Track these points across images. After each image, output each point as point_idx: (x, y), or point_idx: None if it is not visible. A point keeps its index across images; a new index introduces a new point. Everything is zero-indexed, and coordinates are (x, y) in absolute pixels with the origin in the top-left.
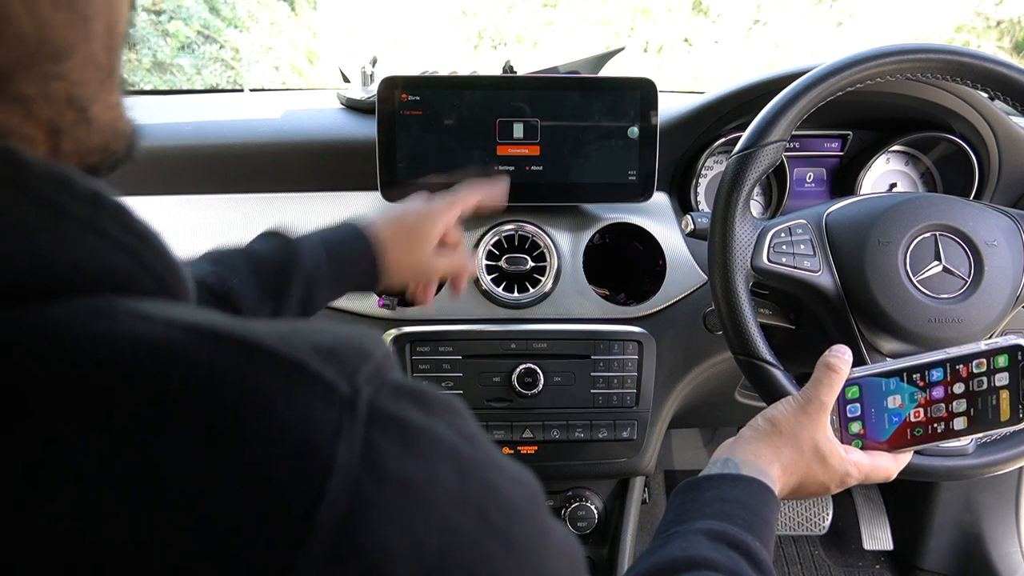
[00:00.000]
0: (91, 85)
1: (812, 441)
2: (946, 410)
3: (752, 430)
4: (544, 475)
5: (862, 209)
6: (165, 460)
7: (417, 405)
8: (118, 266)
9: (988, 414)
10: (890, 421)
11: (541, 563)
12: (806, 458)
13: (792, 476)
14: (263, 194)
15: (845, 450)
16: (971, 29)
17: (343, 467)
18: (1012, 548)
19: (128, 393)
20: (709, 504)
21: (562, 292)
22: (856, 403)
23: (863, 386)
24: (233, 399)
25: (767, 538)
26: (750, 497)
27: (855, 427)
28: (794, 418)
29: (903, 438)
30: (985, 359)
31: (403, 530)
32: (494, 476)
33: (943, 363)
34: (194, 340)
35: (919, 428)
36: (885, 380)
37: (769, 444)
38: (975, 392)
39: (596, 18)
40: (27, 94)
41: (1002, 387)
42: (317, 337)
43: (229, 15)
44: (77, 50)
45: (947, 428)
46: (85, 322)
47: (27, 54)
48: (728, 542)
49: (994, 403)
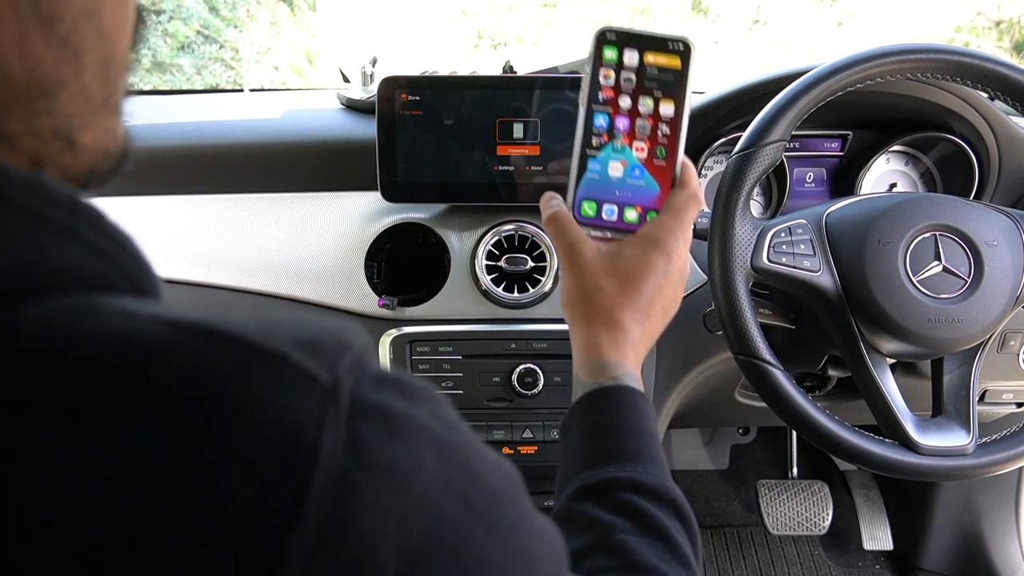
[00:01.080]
0: (81, 116)
1: (595, 281)
2: (634, 110)
3: (570, 320)
4: (544, 475)
5: (862, 209)
6: (152, 454)
7: (399, 393)
8: (95, 270)
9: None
10: (632, 175)
11: (524, 546)
12: (618, 295)
13: (629, 322)
14: (263, 194)
15: (653, 235)
16: (971, 29)
17: (328, 456)
18: (1012, 548)
19: (114, 389)
20: (577, 449)
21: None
22: (600, 204)
23: (583, 193)
24: (218, 392)
25: (641, 446)
26: (610, 416)
27: (630, 214)
28: (573, 282)
29: (652, 158)
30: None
31: (389, 515)
32: (476, 462)
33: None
34: (178, 335)
35: (640, 139)
36: (584, 164)
37: (583, 327)
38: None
39: (596, 18)
40: (12, 132)
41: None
42: (298, 330)
43: (229, 15)
44: (68, 85)
45: (655, 116)
46: (68, 320)
47: (15, 95)
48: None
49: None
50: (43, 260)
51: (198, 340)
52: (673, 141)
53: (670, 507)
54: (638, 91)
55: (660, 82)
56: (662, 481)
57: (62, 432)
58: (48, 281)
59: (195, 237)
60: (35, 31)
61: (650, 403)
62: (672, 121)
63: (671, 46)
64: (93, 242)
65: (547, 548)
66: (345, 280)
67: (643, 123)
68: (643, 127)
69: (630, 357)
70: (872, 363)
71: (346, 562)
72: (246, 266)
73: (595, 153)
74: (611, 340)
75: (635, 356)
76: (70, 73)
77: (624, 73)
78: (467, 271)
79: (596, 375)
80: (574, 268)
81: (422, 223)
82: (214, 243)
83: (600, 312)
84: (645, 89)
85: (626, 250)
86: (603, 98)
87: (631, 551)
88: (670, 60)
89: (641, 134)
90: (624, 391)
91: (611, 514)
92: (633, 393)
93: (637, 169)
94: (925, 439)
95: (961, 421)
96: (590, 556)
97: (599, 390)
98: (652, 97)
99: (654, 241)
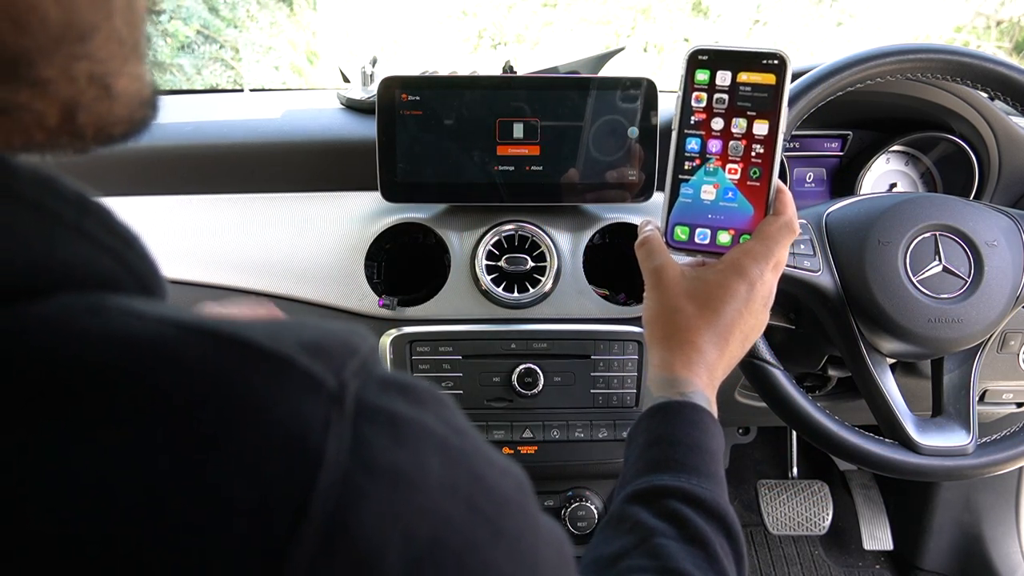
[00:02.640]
0: (115, 61)
1: (675, 303)
2: (727, 132)
3: (648, 339)
4: (544, 475)
5: (862, 209)
6: (156, 455)
7: (405, 397)
8: (103, 268)
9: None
10: (725, 198)
11: (531, 552)
12: (696, 318)
13: (706, 344)
14: (263, 194)
15: (737, 262)
16: (971, 29)
17: (333, 459)
18: (1012, 548)
19: (120, 390)
20: (638, 457)
21: (562, 292)
22: (693, 228)
23: (676, 219)
24: (224, 394)
25: (698, 462)
26: (672, 428)
27: (723, 237)
28: (655, 302)
29: (746, 179)
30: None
31: (394, 520)
32: (483, 466)
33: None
34: (185, 337)
35: (733, 161)
36: (677, 189)
37: (659, 345)
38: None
39: (596, 18)
40: (47, 77)
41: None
42: (304, 333)
43: (229, 15)
44: (100, 28)
45: (747, 148)
46: (78, 320)
47: (52, 39)
48: (649, 495)
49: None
50: (51, 256)
51: (204, 342)
52: (767, 160)
53: (719, 522)
54: (731, 112)
55: (754, 100)
56: (713, 496)
57: (67, 432)
58: (56, 278)
59: (195, 237)
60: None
61: (718, 424)
62: (766, 140)
63: (765, 63)
64: (101, 239)
65: (553, 554)
66: (345, 280)
67: (736, 144)
68: (736, 148)
69: (703, 377)
70: (872, 363)
71: (349, 566)
72: (246, 266)
73: (687, 178)
74: (684, 359)
75: (709, 377)
76: (101, 16)
77: (717, 95)
78: (467, 271)
79: (666, 390)
80: (656, 289)
81: (422, 223)
82: (214, 243)
83: (677, 333)
84: (738, 109)
85: (709, 275)
86: (695, 121)
87: (670, 556)
88: (764, 77)
89: (734, 155)
90: (690, 407)
91: (657, 519)
92: (699, 410)
93: (730, 191)
94: (925, 439)
95: (961, 421)
96: (630, 556)
97: (666, 403)
98: (745, 117)
99: (737, 268)
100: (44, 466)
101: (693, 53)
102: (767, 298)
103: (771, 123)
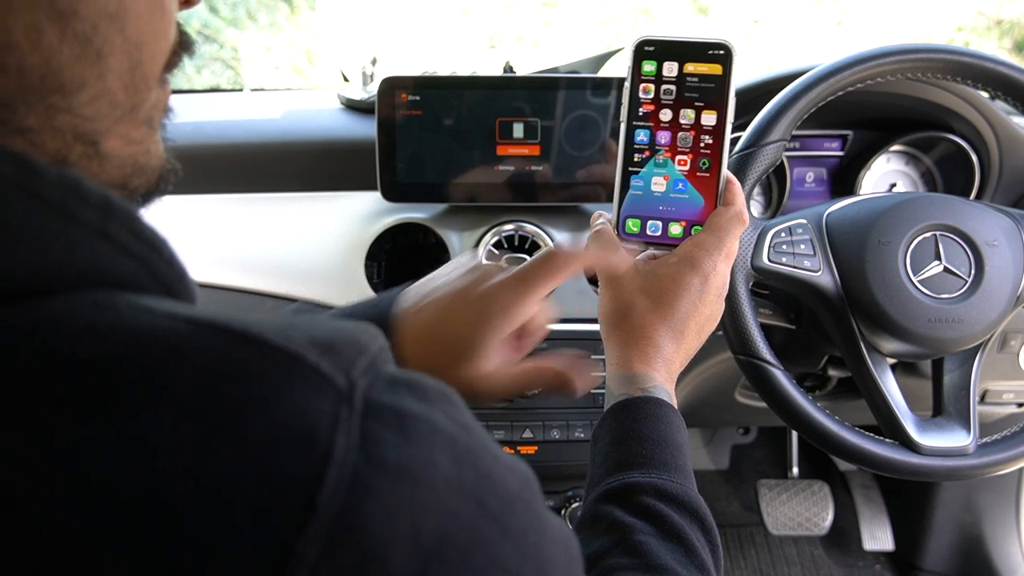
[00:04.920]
0: (104, 121)
1: (629, 299)
2: (675, 123)
3: (605, 336)
4: (544, 475)
5: (862, 209)
6: (166, 450)
7: (413, 394)
8: (126, 271)
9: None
10: (675, 189)
11: (537, 548)
12: (651, 313)
13: (662, 339)
14: (263, 194)
15: (689, 255)
16: (972, 29)
17: (341, 456)
18: (1012, 548)
19: (129, 384)
20: (606, 456)
21: (562, 292)
22: (644, 221)
23: (627, 211)
24: (234, 390)
25: (666, 456)
26: (637, 424)
27: (674, 228)
28: (609, 300)
29: (695, 171)
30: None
31: (401, 516)
32: (490, 463)
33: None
34: (195, 332)
35: (682, 152)
36: (627, 181)
37: (616, 342)
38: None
39: (596, 18)
40: (30, 126)
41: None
42: (315, 331)
43: (229, 15)
44: (88, 85)
45: (696, 126)
46: (87, 315)
47: (30, 86)
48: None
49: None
50: (71, 258)
51: (215, 337)
52: (716, 151)
53: (692, 515)
54: (679, 103)
55: (701, 91)
56: (685, 490)
57: (76, 426)
58: (75, 280)
59: (195, 237)
60: (49, 24)
61: (680, 416)
62: (714, 131)
63: (711, 53)
64: (125, 243)
65: (560, 551)
66: (345, 280)
67: (685, 135)
68: (685, 139)
69: (661, 372)
70: (872, 363)
71: (357, 563)
72: (246, 266)
73: (637, 170)
74: (642, 355)
75: (667, 371)
76: (92, 74)
77: (664, 86)
78: None
79: (626, 387)
80: (610, 286)
81: (422, 223)
82: (214, 243)
83: (633, 329)
84: (686, 100)
85: (661, 269)
86: (643, 113)
87: (651, 552)
88: (711, 68)
89: (683, 146)
90: (652, 402)
91: (633, 516)
92: (661, 405)
93: (680, 183)
94: (925, 439)
95: (962, 421)
96: (610, 555)
97: (628, 400)
98: (693, 108)
99: (690, 261)
100: (47, 458)
101: (639, 44)
102: (721, 288)
103: (719, 114)
